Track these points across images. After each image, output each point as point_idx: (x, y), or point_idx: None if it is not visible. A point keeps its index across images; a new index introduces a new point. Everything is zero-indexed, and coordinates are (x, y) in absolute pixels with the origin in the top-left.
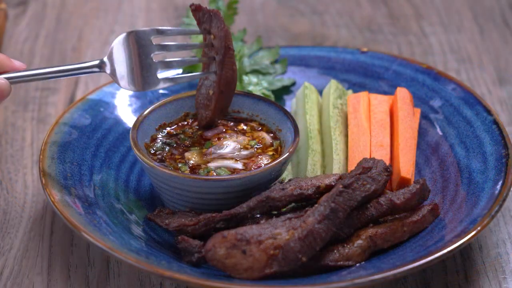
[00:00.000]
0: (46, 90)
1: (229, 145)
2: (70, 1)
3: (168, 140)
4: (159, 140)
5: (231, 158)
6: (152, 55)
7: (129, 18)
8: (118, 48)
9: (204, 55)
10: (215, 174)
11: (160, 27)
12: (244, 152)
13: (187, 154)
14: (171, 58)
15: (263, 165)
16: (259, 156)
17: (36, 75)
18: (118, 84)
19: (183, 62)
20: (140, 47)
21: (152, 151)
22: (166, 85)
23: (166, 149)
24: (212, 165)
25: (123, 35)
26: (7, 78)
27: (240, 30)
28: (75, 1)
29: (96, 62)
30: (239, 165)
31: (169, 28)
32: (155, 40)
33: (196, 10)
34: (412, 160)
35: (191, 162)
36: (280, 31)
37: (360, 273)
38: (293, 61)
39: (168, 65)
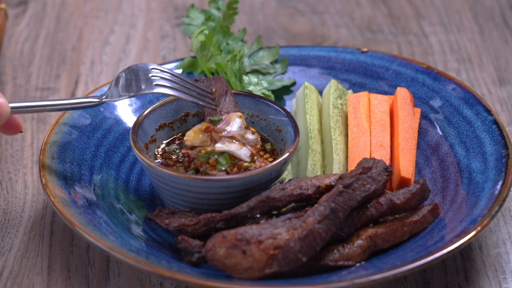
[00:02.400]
0: (46, 90)
1: (236, 122)
2: (70, 1)
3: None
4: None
5: (239, 141)
6: (150, 75)
7: (129, 18)
8: (120, 76)
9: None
10: (215, 161)
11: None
12: (250, 137)
13: (189, 133)
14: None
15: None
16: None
17: (38, 107)
18: (118, 96)
19: (179, 84)
20: (139, 69)
21: (159, 155)
22: (162, 90)
23: (174, 156)
24: (219, 146)
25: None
26: (11, 107)
27: (240, 30)
28: (75, 1)
29: (96, 99)
30: (244, 151)
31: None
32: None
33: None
34: (412, 160)
35: (189, 143)
36: (280, 31)
37: (360, 273)
38: (293, 61)
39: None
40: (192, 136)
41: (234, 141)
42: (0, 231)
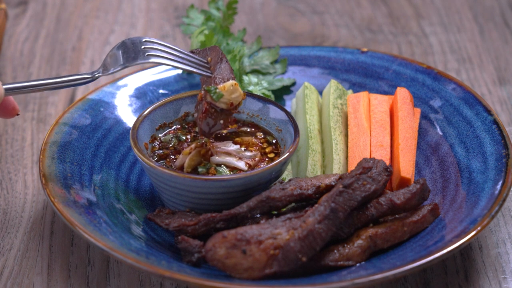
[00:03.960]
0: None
1: (232, 145)
2: (70, 1)
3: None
4: (161, 139)
5: (235, 156)
6: (143, 46)
7: (129, 18)
8: (112, 52)
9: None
10: (215, 170)
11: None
12: (248, 153)
13: (184, 161)
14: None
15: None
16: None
17: (32, 86)
18: (112, 69)
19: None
20: (132, 42)
21: (155, 146)
22: (155, 60)
23: (170, 145)
24: (214, 159)
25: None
26: (5, 89)
27: (240, 30)
28: (75, 1)
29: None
30: (241, 164)
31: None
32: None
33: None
34: (412, 160)
35: (189, 169)
36: (280, 31)
37: (360, 273)
38: (293, 61)
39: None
40: (190, 164)
41: (230, 155)
42: (0, 231)
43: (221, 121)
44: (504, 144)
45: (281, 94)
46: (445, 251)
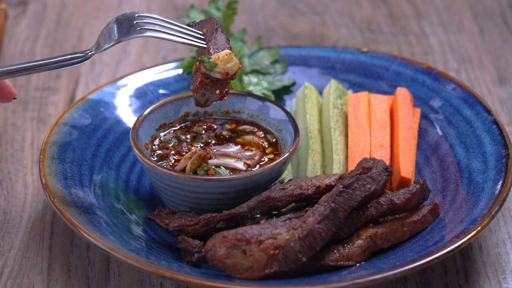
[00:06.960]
0: (46, 90)
1: (232, 146)
2: (70, 1)
3: (171, 137)
4: (162, 139)
5: (234, 157)
6: (136, 21)
7: None
8: (105, 29)
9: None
10: (213, 171)
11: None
12: (248, 153)
13: (186, 165)
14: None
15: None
16: (263, 158)
17: (24, 69)
18: (104, 46)
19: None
20: (125, 18)
21: (155, 146)
22: (149, 34)
23: (170, 145)
24: (213, 162)
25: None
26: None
27: (240, 30)
28: (75, 1)
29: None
30: (240, 164)
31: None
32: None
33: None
34: (412, 160)
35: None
36: (280, 31)
37: (360, 273)
38: (293, 61)
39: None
40: (191, 168)
41: (229, 157)
42: (0, 231)
43: (217, 92)
44: (504, 144)
45: (281, 94)
46: (445, 251)
